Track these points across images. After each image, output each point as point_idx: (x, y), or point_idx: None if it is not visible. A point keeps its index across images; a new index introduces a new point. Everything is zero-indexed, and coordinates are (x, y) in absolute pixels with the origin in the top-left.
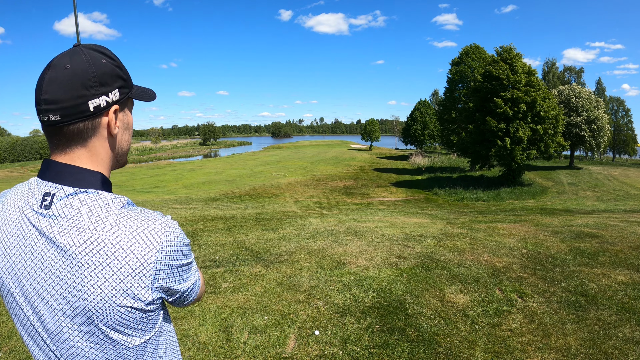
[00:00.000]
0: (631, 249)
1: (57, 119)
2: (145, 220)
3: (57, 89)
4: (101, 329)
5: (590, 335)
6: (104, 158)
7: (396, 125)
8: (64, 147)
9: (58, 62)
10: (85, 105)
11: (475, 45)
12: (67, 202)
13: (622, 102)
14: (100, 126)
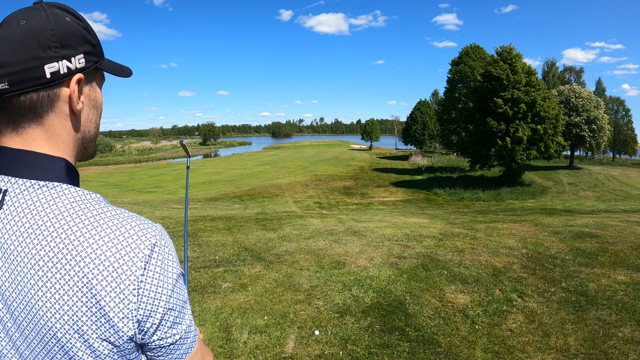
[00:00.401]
0: (631, 249)
1: (4, 87)
2: (127, 225)
3: (6, 49)
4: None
5: (590, 335)
6: (66, 141)
7: (396, 125)
8: (14, 127)
9: (12, 17)
10: (41, 69)
11: (475, 45)
12: (22, 200)
13: (622, 102)
14: (59, 99)
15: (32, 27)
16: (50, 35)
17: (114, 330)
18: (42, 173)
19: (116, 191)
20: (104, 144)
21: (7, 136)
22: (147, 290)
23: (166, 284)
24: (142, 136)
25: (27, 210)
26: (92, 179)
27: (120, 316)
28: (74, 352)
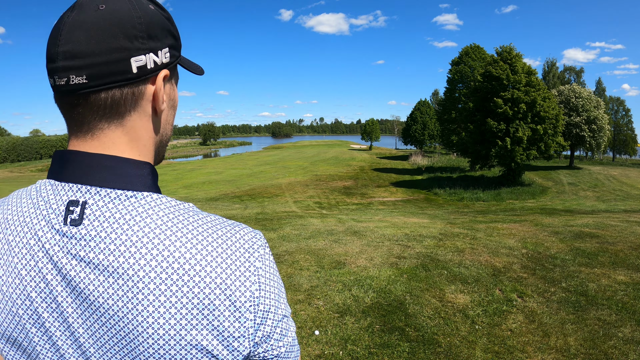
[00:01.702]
0: (631, 249)
1: (82, 82)
2: (232, 237)
3: (85, 37)
4: None
5: (590, 335)
6: (147, 144)
7: (396, 125)
8: (89, 128)
9: (86, 1)
10: (126, 63)
11: (475, 45)
12: (107, 213)
13: (622, 102)
14: (143, 97)
15: (115, 12)
16: (137, 24)
17: (228, 351)
18: (128, 181)
19: None
20: None
21: (80, 139)
22: (263, 304)
23: (276, 295)
24: None
25: (117, 225)
26: None
27: (236, 335)
28: None
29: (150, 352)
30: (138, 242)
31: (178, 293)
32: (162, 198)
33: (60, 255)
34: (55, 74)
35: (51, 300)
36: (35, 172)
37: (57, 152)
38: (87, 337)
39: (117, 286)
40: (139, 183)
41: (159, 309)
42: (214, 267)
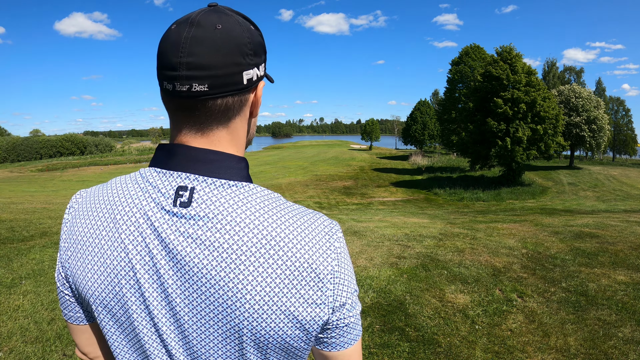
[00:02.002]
0: (631, 249)
1: (203, 89)
2: (316, 218)
3: (209, 52)
4: (254, 346)
5: (590, 335)
6: (243, 142)
7: (396, 125)
8: (201, 128)
9: (203, 19)
10: (239, 75)
11: (475, 45)
12: (213, 198)
13: (622, 102)
14: (246, 104)
15: (231, 32)
16: (248, 43)
17: (310, 317)
18: (229, 172)
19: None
20: (104, 144)
21: (190, 136)
22: (340, 278)
23: (350, 272)
24: (142, 136)
25: (222, 208)
26: (92, 179)
27: (318, 302)
28: (264, 340)
29: (245, 316)
30: (241, 223)
31: (273, 266)
32: (257, 187)
33: (168, 232)
34: (177, 81)
35: (153, 272)
36: (35, 172)
37: (163, 145)
38: (183, 305)
39: (220, 259)
40: (238, 174)
41: (257, 279)
42: (303, 246)
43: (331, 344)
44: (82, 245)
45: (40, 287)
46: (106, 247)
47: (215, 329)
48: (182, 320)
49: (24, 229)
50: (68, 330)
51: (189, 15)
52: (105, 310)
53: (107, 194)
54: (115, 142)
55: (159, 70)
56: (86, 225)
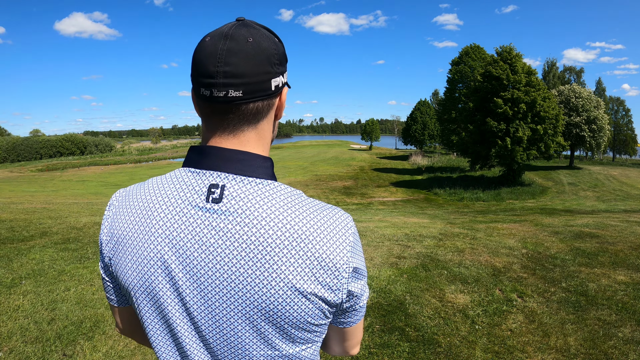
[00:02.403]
0: (631, 249)
1: (238, 95)
2: (333, 212)
3: (242, 62)
4: (275, 325)
5: (590, 335)
6: (267, 143)
7: (396, 125)
8: (233, 130)
9: (236, 33)
10: (268, 83)
11: (475, 45)
12: (242, 194)
13: (622, 102)
14: (272, 108)
15: (261, 45)
16: (275, 54)
17: (330, 297)
18: (257, 171)
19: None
20: (104, 144)
21: (223, 137)
22: (354, 265)
23: (362, 262)
24: (142, 136)
25: (250, 203)
26: (92, 179)
27: (334, 288)
28: (298, 323)
29: (272, 300)
30: (267, 217)
31: (295, 256)
32: (281, 185)
33: (201, 226)
34: (214, 88)
35: (185, 263)
36: (35, 172)
37: (195, 147)
38: (214, 292)
39: (248, 250)
40: (264, 173)
41: (281, 267)
42: (322, 238)
43: (344, 322)
44: (121, 239)
45: (40, 287)
46: (142, 241)
47: (244, 313)
48: (213, 305)
49: (24, 229)
50: (68, 330)
51: (222, 29)
52: (141, 296)
53: (144, 193)
54: (115, 142)
55: (196, 78)
56: (124, 221)
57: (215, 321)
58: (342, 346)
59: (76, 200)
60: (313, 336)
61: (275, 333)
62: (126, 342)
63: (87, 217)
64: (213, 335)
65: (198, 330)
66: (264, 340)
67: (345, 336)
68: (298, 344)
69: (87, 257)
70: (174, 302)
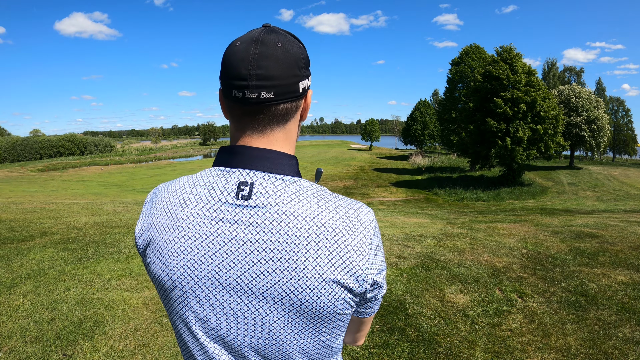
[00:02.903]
0: (631, 249)
1: (269, 97)
2: (357, 207)
3: (274, 66)
4: (305, 314)
5: (590, 335)
6: (293, 142)
7: (396, 125)
8: (262, 129)
9: (265, 38)
10: (296, 85)
11: (475, 45)
12: (270, 190)
13: (622, 102)
14: (298, 109)
15: (290, 49)
16: (302, 58)
17: (355, 286)
18: (283, 169)
19: (116, 191)
20: (104, 144)
21: (253, 137)
22: (374, 258)
23: (382, 254)
24: (142, 136)
25: (278, 200)
26: (92, 179)
27: (357, 277)
28: (325, 312)
29: (302, 289)
30: (295, 212)
31: (323, 247)
32: (306, 182)
33: (231, 221)
34: (247, 90)
35: (215, 256)
36: (35, 172)
37: (224, 147)
38: (240, 280)
39: (278, 243)
40: (290, 170)
41: (310, 257)
42: (347, 231)
43: (364, 312)
44: (151, 235)
45: (40, 287)
46: (170, 236)
47: (274, 302)
48: (243, 297)
49: (24, 229)
50: (68, 330)
51: (252, 35)
52: (169, 289)
53: (174, 190)
54: (115, 142)
55: (228, 81)
56: (155, 217)
57: (245, 311)
58: (353, 336)
59: (76, 200)
60: (338, 326)
61: (305, 322)
62: (126, 342)
63: (87, 217)
64: (243, 325)
65: (224, 319)
66: (295, 329)
67: (360, 326)
68: (325, 333)
69: (87, 257)
70: (199, 295)
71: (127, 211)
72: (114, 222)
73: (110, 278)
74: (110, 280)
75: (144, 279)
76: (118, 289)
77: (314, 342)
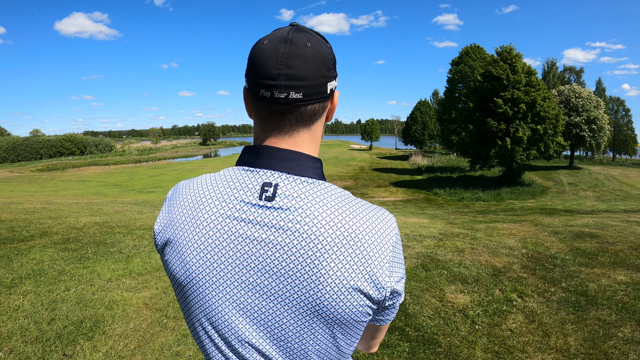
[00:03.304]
0: (631, 249)
1: (298, 97)
2: (379, 213)
3: (303, 66)
4: (323, 319)
5: (590, 335)
6: (318, 142)
7: (396, 125)
8: (289, 130)
9: (295, 37)
10: (325, 86)
11: (475, 45)
12: (294, 193)
13: (622, 102)
14: (325, 110)
15: (319, 49)
16: (330, 59)
17: (374, 292)
18: (308, 171)
19: (116, 191)
20: (104, 144)
21: (279, 138)
22: (394, 265)
23: (402, 261)
24: (142, 136)
25: (302, 202)
26: (92, 179)
27: (378, 286)
28: (344, 319)
29: (322, 292)
30: (318, 215)
31: (345, 253)
32: (331, 185)
33: (254, 222)
34: (275, 89)
35: (235, 256)
36: (35, 172)
37: (249, 147)
38: (260, 281)
39: (300, 246)
40: (315, 173)
41: (330, 264)
42: (370, 237)
43: (381, 320)
44: (171, 232)
45: (40, 287)
46: (189, 234)
47: (294, 304)
48: (261, 298)
49: (24, 229)
50: (68, 330)
51: (280, 34)
52: (186, 286)
53: (196, 188)
54: (115, 142)
55: (256, 80)
56: (175, 214)
57: (262, 312)
58: (368, 344)
59: (76, 200)
60: (354, 332)
61: (322, 326)
62: (126, 342)
63: (87, 217)
64: (260, 325)
65: (242, 320)
66: (311, 333)
67: (375, 334)
68: (340, 339)
69: (87, 257)
70: (217, 294)
71: (127, 211)
72: (114, 222)
73: (110, 278)
74: (110, 280)
75: (144, 279)
76: (118, 289)
77: (328, 346)
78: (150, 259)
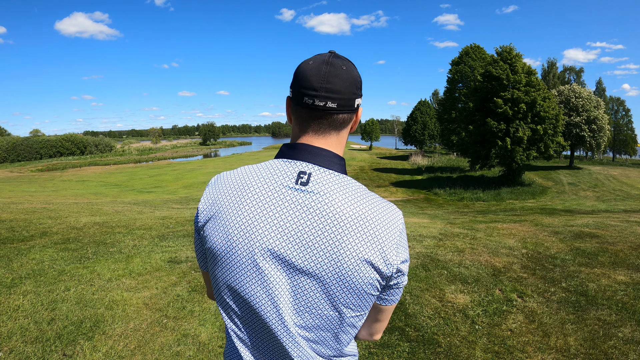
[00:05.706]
0: (631, 249)
1: (333, 107)
2: (390, 205)
3: (339, 83)
4: (342, 288)
5: (590, 335)
6: (343, 145)
7: (396, 125)
8: (322, 132)
9: (334, 61)
10: (353, 101)
11: (475, 45)
12: (324, 181)
13: (622, 102)
14: (350, 121)
15: (351, 72)
16: (359, 81)
17: (384, 268)
18: (335, 166)
19: (116, 191)
20: (104, 144)
21: (314, 137)
22: (402, 247)
23: (406, 245)
24: (142, 136)
25: (331, 189)
26: (92, 179)
27: (387, 263)
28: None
29: (343, 261)
30: (342, 200)
31: (362, 232)
32: (352, 179)
33: (290, 202)
34: (317, 98)
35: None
36: (35, 172)
37: (288, 144)
38: (292, 250)
39: (326, 223)
40: (340, 168)
41: (351, 238)
42: (382, 221)
43: (386, 299)
44: (216, 208)
45: (40, 287)
46: (234, 211)
47: (316, 275)
48: (291, 268)
49: (24, 229)
50: (68, 330)
51: (322, 57)
52: (223, 259)
53: (241, 174)
54: (115, 142)
55: (300, 89)
56: (221, 194)
57: (289, 283)
58: (371, 329)
59: (76, 200)
60: (363, 304)
61: (340, 295)
62: (126, 342)
63: (87, 217)
64: (284, 293)
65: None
66: (331, 301)
67: (378, 316)
68: (352, 310)
69: (87, 257)
70: (252, 265)
71: (127, 211)
72: (114, 222)
73: (110, 278)
74: (110, 280)
75: (144, 279)
76: (118, 289)
77: (335, 313)
78: (150, 259)
